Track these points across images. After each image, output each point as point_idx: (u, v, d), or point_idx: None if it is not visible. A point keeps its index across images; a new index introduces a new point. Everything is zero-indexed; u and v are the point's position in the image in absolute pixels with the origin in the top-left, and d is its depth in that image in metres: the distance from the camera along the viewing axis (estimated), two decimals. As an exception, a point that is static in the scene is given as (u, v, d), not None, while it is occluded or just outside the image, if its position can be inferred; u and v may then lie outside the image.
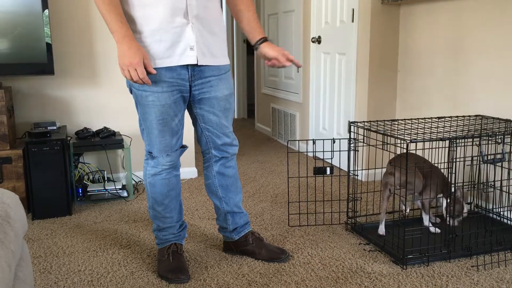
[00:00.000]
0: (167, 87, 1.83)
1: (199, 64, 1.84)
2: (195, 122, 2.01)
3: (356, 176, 2.49)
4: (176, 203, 2.05)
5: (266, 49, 1.96)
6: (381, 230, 2.33)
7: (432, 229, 2.35)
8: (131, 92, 1.91)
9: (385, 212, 2.33)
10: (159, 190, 1.99)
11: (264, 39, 1.98)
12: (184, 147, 2.01)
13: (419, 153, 2.82)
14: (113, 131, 3.04)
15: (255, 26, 2.00)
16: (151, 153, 1.95)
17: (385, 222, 2.51)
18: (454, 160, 2.34)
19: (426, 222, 2.35)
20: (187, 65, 1.84)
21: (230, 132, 2.02)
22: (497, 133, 2.14)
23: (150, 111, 1.86)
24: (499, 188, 2.44)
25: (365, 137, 2.36)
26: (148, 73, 1.76)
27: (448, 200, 2.26)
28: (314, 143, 2.48)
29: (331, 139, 2.47)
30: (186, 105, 1.95)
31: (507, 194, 2.43)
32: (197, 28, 1.81)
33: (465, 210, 2.31)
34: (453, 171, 2.38)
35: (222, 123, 1.98)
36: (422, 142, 2.12)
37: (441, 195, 2.34)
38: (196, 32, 1.81)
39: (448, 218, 2.25)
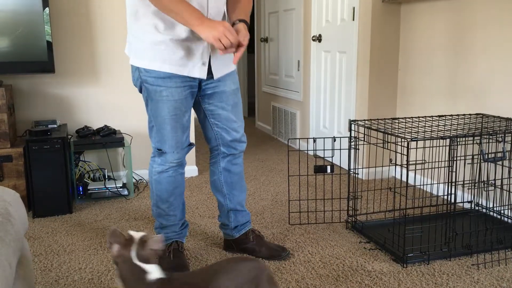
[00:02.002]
0: (180, 82, 1.85)
1: (214, 78, 1.91)
2: (203, 119, 2.02)
3: (356, 175, 2.48)
4: (180, 201, 2.05)
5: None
6: None
7: None
8: (140, 90, 1.91)
9: None
10: (165, 188, 2.00)
11: (240, 21, 1.86)
12: (191, 145, 2.02)
13: (420, 151, 2.82)
14: (114, 129, 3.04)
15: (240, 8, 1.91)
16: (161, 150, 1.95)
17: (386, 220, 2.50)
18: (455, 159, 2.34)
19: None
20: None
21: (239, 127, 2.04)
22: (498, 132, 2.14)
23: (163, 106, 1.86)
24: (499, 186, 2.44)
25: (365, 136, 2.35)
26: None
27: None
28: (314, 141, 2.48)
29: (332, 138, 2.47)
30: (193, 101, 1.97)
31: (507, 192, 2.43)
32: (212, 46, 1.85)
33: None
34: (454, 170, 2.38)
35: (231, 117, 2.00)
36: (422, 141, 2.12)
37: None
38: (211, 49, 1.86)
39: None
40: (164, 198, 2.01)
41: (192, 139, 3.38)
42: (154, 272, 1.25)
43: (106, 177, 3.20)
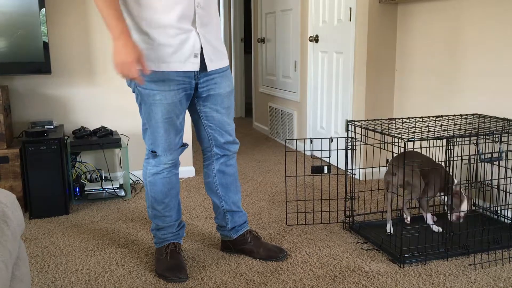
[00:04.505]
0: (174, 86, 1.85)
1: (208, 70, 1.88)
2: (197, 120, 2.01)
3: (353, 175, 2.49)
4: (175, 201, 2.05)
5: None
6: (389, 228, 2.34)
7: (435, 228, 2.35)
8: (133, 90, 1.91)
9: (391, 211, 2.33)
10: (160, 189, 1.99)
11: None
12: (184, 146, 2.01)
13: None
14: (110, 130, 3.03)
15: None
16: (155, 152, 1.95)
17: (383, 221, 2.51)
18: (452, 159, 2.34)
19: (428, 220, 2.36)
20: None
21: (232, 130, 2.04)
22: (495, 132, 2.14)
23: (157, 110, 1.86)
24: (496, 186, 2.45)
25: (362, 136, 2.36)
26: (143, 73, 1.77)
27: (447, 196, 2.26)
28: (311, 142, 2.48)
29: (329, 138, 2.47)
30: (189, 103, 1.96)
31: (504, 192, 2.44)
32: (202, 35, 1.85)
33: (466, 206, 2.27)
34: (451, 170, 2.38)
35: (225, 120, 2.00)
36: (419, 141, 2.12)
37: (442, 193, 2.34)
38: (202, 40, 1.85)
39: (448, 215, 2.25)
40: (160, 199, 2.01)
41: (189, 140, 3.38)
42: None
43: (103, 178, 3.19)
